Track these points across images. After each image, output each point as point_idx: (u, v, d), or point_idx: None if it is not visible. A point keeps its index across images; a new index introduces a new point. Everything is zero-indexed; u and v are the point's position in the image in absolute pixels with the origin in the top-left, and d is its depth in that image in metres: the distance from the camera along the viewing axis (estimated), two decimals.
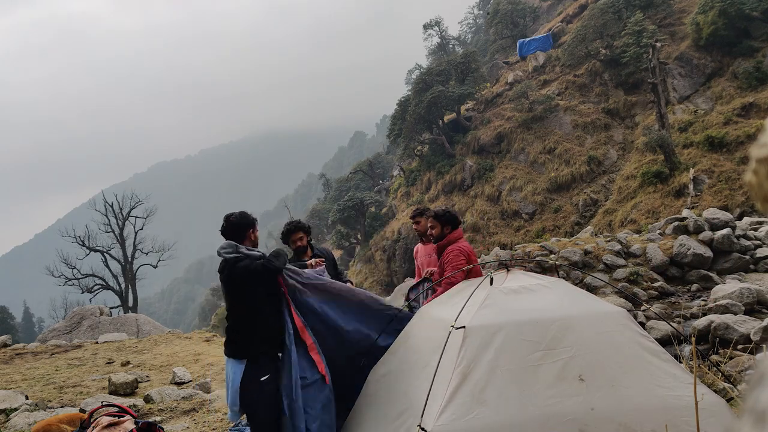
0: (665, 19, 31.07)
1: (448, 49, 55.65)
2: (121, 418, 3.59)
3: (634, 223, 21.89)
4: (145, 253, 29.75)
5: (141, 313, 18.66)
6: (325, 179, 63.06)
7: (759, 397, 0.50)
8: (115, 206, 29.36)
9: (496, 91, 36.91)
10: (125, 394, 7.03)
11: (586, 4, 36.81)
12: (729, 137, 23.16)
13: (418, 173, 37.70)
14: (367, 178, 52.06)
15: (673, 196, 22.64)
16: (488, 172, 31.76)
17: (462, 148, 34.50)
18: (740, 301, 9.71)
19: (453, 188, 33.33)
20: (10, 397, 6.36)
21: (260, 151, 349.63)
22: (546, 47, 37.04)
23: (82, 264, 27.84)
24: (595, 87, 31.91)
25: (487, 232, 28.72)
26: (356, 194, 42.29)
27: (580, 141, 29.78)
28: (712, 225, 12.80)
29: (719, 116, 24.58)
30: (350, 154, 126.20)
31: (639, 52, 27.72)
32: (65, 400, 6.84)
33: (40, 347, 11.45)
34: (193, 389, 7.03)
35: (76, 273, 27.79)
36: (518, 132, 32.10)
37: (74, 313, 15.12)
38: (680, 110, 26.92)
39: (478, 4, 70.71)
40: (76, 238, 27.61)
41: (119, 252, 29.14)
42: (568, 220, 26.93)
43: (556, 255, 12.69)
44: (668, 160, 23.46)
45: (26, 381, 8.04)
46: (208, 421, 5.60)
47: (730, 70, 26.41)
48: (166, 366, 9.03)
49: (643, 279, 11.74)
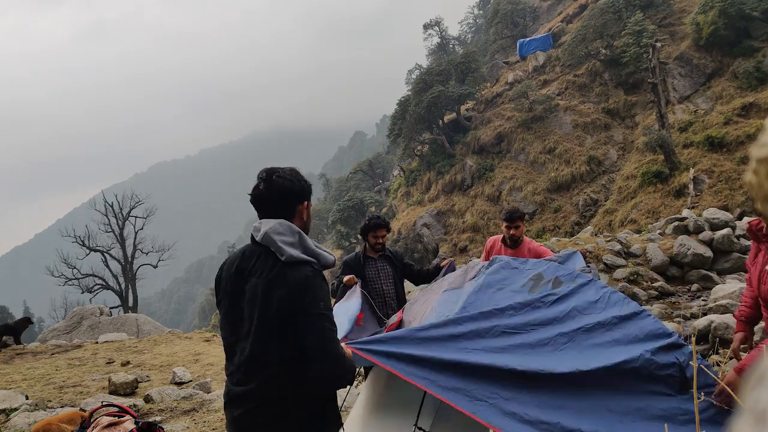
0: (665, 19, 31.07)
1: (448, 49, 55.66)
2: (121, 418, 3.59)
3: (634, 223, 21.89)
4: (145, 253, 29.73)
5: (141, 313, 18.65)
6: (325, 179, 63.13)
7: (759, 397, 0.50)
8: (115, 206, 29.35)
9: (496, 91, 36.90)
10: (125, 394, 7.03)
11: (586, 4, 36.80)
12: (729, 137, 23.16)
13: (418, 173, 37.69)
14: (367, 178, 52.08)
15: (673, 196, 22.65)
16: (488, 172, 31.76)
17: (462, 148, 34.49)
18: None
19: (453, 188, 33.33)
20: (10, 397, 6.36)
21: (260, 151, 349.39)
22: (546, 47, 37.03)
23: (82, 264, 27.84)
24: (595, 87, 31.91)
25: (487, 232, 28.70)
26: (356, 194, 42.32)
27: (580, 141, 29.78)
28: (712, 225, 12.80)
29: (719, 116, 24.58)
30: (350, 154, 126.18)
31: (639, 52, 27.71)
32: (65, 400, 6.84)
33: (40, 347, 11.45)
34: (193, 389, 7.03)
35: (76, 273, 27.77)
36: (518, 132, 32.10)
37: (74, 313, 15.11)
38: (680, 110, 26.92)
39: (478, 4, 70.72)
40: (76, 238, 27.59)
41: (119, 252, 29.12)
42: (568, 220, 26.93)
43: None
44: (668, 160, 23.46)
45: (26, 381, 8.04)
46: (208, 421, 5.60)
47: (730, 70, 26.41)
48: (166, 366, 9.04)
49: (643, 279, 11.74)
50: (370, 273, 5.13)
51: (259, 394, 2.07)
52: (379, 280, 5.13)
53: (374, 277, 5.13)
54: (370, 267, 5.15)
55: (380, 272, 5.14)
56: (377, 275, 5.14)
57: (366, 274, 5.11)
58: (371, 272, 5.14)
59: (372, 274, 5.13)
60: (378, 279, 5.13)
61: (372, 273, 5.14)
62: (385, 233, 5.14)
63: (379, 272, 5.14)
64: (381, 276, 5.13)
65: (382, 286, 5.12)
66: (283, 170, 2.23)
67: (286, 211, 2.19)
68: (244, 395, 2.09)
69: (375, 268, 5.16)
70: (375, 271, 5.15)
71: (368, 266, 5.14)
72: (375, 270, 5.15)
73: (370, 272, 5.13)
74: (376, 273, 5.14)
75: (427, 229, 31.97)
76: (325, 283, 2.12)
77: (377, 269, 5.16)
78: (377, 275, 5.14)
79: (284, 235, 2.10)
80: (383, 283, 5.12)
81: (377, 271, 5.15)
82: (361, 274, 5.07)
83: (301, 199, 2.22)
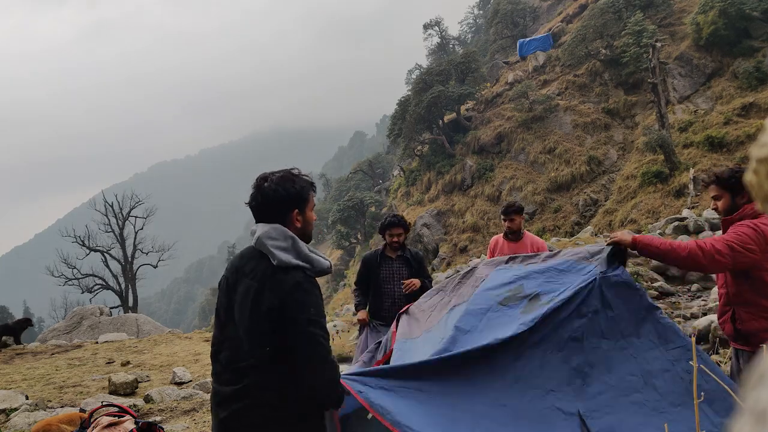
0: (665, 19, 31.07)
1: (448, 49, 55.67)
2: (121, 418, 3.59)
3: (634, 223, 21.89)
4: (145, 253, 29.74)
5: (141, 313, 18.65)
6: (325, 179, 63.18)
7: (759, 397, 0.50)
8: (115, 206, 29.36)
9: (496, 91, 36.91)
10: (125, 394, 7.03)
11: (586, 4, 36.81)
12: (729, 137, 23.16)
13: (418, 173, 37.70)
14: (367, 178, 52.12)
15: (673, 196, 22.65)
16: (488, 172, 31.77)
17: (462, 148, 34.50)
18: None
19: (453, 188, 33.34)
20: (10, 397, 6.36)
21: (260, 151, 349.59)
22: (546, 47, 37.03)
23: (82, 264, 27.83)
24: (595, 87, 31.91)
25: (487, 232, 28.70)
26: (356, 194, 42.35)
27: (580, 141, 29.78)
28: (712, 225, 12.81)
29: (719, 116, 24.59)
30: (350, 154, 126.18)
31: (639, 52, 27.72)
32: (65, 400, 6.84)
33: (40, 347, 11.45)
34: (193, 389, 7.03)
35: (76, 273, 27.77)
36: (518, 132, 32.10)
37: (74, 313, 15.11)
38: (680, 110, 26.92)
39: (478, 4, 70.74)
40: (76, 238, 27.59)
41: (119, 252, 29.12)
42: (568, 220, 26.94)
43: None
44: (668, 160, 23.46)
45: (26, 381, 8.04)
46: (208, 421, 5.59)
47: (730, 70, 26.41)
48: (166, 366, 9.03)
49: (643, 279, 11.75)
50: (384, 273, 5.09)
51: (247, 395, 2.04)
52: (392, 280, 5.06)
53: (388, 278, 5.08)
54: (385, 267, 5.11)
55: (394, 273, 5.08)
56: (391, 276, 5.08)
57: (380, 273, 5.08)
58: (386, 272, 5.09)
59: (386, 274, 5.09)
60: (391, 279, 5.07)
61: (386, 273, 5.09)
62: (402, 232, 5.07)
63: (393, 273, 5.08)
64: (395, 277, 5.06)
65: (393, 287, 5.04)
66: (273, 177, 2.19)
67: (277, 218, 2.17)
68: (232, 396, 2.07)
69: (390, 268, 5.10)
70: (389, 271, 5.10)
71: (384, 266, 5.10)
72: (389, 270, 5.10)
73: (384, 272, 5.09)
74: (390, 274, 5.09)
75: (427, 229, 31.98)
76: (316, 288, 2.11)
77: (392, 270, 5.10)
78: (391, 276, 5.08)
79: (277, 239, 2.10)
80: (395, 284, 5.04)
81: (391, 272, 5.09)
82: (375, 273, 5.06)
83: (292, 206, 2.17)
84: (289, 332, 2.01)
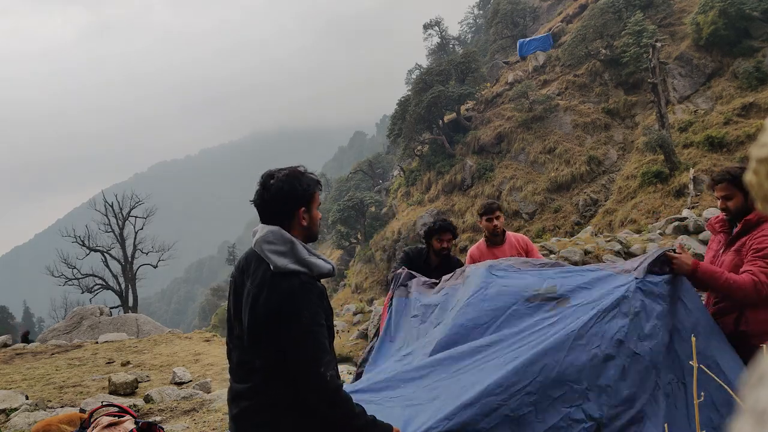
0: (665, 19, 31.07)
1: (448, 49, 55.67)
2: (121, 418, 3.59)
3: (635, 223, 21.89)
4: (145, 253, 29.74)
5: (141, 313, 18.65)
6: (325, 179, 63.06)
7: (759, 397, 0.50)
8: (115, 206, 29.36)
9: (496, 91, 36.92)
10: (125, 394, 7.03)
11: (586, 4, 36.81)
12: (729, 137, 23.17)
13: (418, 173, 37.71)
14: (367, 178, 52.11)
15: (673, 196, 22.65)
16: (488, 172, 31.77)
17: (462, 148, 34.50)
18: None
19: (453, 188, 33.34)
20: (10, 397, 6.36)
21: (260, 151, 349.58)
22: (546, 47, 37.04)
23: (82, 264, 27.84)
24: (595, 87, 31.92)
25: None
26: (356, 194, 42.31)
27: (580, 141, 29.78)
28: None
29: (719, 116, 24.59)
30: (350, 154, 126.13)
31: (639, 52, 27.72)
32: (65, 400, 6.84)
33: (40, 347, 11.45)
34: (193, 389, 7.03)
35: (76, 273, 27.78)
36: (518, 132, 32.11)
37: (74, 313, 15.12)
38: (680, 110, 26.93)
39: (478, 4, 70.74)
40: (76, 238, 27.59)
41: (119, 252, 29.13)
42: (568, 220, 26.94)
43: (556, 255, 12.70)
44: (668, 160, 23.46)
45: (26, 381, 8.04)
46: (208, 421, 5.59)
47: (730, 70, 26.42)
48: (166, 366, 9.04)
49: None
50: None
51: (257, 394, 2.05)
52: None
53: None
54: (426, 274, 4.38)
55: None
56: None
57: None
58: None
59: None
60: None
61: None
62: (451, 238, 4.63)
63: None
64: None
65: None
66: (279, 174, 2.12)
67: (283, 217, 2.10)
68: (243, 393, 2.09)
69: (430, 277, 4.44)
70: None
71: (426, 272, 4.36)
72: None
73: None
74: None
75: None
76: (314, 294, 2.05)
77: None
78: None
79: (274, 244, 2.05)
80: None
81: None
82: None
83: (299, 204, 2.10)
84: (283, 338, 1.99)
